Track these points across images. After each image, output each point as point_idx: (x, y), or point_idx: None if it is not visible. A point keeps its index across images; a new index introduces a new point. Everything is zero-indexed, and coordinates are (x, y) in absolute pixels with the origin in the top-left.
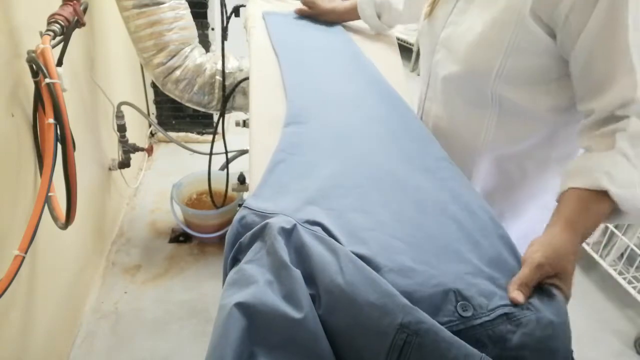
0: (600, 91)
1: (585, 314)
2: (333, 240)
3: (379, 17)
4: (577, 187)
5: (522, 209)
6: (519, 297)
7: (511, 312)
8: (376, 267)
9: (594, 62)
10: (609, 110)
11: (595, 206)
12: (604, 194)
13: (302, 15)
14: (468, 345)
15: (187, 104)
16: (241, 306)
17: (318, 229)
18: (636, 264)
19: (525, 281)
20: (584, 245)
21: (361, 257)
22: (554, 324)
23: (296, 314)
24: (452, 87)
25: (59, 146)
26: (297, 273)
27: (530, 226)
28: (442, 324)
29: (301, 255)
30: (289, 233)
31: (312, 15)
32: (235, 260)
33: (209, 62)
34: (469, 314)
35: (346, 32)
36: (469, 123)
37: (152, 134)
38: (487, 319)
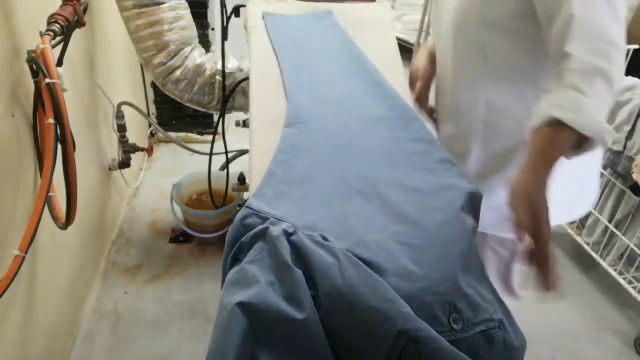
0: (551, 22)
1: (585, 314)
2: (333, 246)
3: None
4: (534, 127)
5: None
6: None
7: (487, 328)
8: (379, 271)
9: None
10: (557, 42)
11: (554, 137)
12: (561, 125)
13: None
14: (465, 356)
15: (187, 104)
16: (243, 306)
17: (318, 236)
18: (636, 264)
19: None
20: (584, 245)
21: (363, 261)
22: (515, 348)
23: (298, 315)
24: (448, 45)
25: (59, 146)
26: (299, 273)
27: None
28: None
29: (302, 257)
30: (290, 236)
31: None
32: (235, 260)
33: (209, 62)
34: (458, 327)
35: (346, 32)
36: (460, 90)
37: (152, 134)
38: (471, 332)
